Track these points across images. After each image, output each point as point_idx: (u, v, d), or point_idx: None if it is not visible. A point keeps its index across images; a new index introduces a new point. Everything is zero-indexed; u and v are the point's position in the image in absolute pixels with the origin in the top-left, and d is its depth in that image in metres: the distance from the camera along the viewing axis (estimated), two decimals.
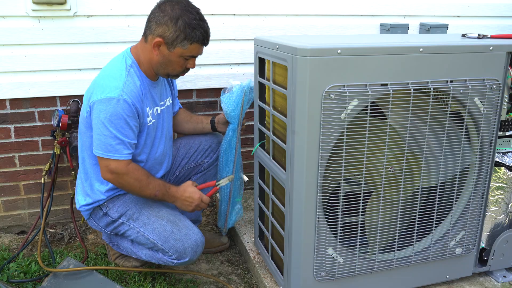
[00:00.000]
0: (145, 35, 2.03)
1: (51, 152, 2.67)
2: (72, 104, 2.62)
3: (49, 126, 2.68)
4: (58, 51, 2.55)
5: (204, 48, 2.09)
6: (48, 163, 2.63)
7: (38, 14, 2.46)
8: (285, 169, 1.85)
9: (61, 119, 2.54)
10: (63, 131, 2.57)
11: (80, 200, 2.18)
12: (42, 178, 2.63)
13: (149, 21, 2.00)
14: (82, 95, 2.65)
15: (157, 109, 2.15)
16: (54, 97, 2.64)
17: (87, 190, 2.15)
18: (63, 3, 2.45)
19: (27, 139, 2.67)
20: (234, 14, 2.79)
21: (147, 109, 2.07)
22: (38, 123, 2.66)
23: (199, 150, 2.39)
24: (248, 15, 2.82)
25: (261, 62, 2.07)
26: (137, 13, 2.60)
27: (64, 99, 2.65)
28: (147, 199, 2.13)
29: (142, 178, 2.00)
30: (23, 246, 2.52)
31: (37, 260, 2.33)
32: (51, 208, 2.70)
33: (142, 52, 2.05)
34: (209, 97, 2.92)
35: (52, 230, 2.75)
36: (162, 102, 2.21)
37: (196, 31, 1.96)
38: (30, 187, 2.75)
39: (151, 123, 2.10)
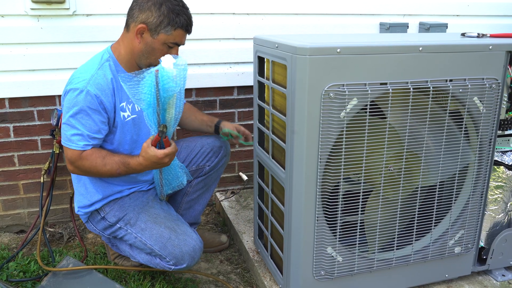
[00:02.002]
0: (127, 24, 2.01)
1: (50, 151, 2.67)
2: None
3: (48, 125, 2.68)
4: (57, 50, 2.55)
5: (204, 47, 2.08)
6: (47, 162, 2.63)
7: (37, 13, 2.45)
8: (284, 168, 1.85)
9: (60, 118, 2.54)
10: None
11: (77, 202, 2.18)
12: (42, 177, 2.62)
13: (131, 9, 1.99)
14: None
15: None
16: (53, 96, 2.64)
17: (82, 190, 2.15)
18: (62, 2, 2.45)
19: (26, 138, 2.67)
20: (234, 13, 2.79)
21: (123, 104, 2.03)
22: (37, 122, 2.66)
23: (201, 153, 2.37)
24: (247, 14, 2.82)
25: (260, 61, 2.07)
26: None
27: None
28: (127, 189, 2.16)
29: (96, 161, 1.94)
30: (23, 245, 2.52)
31: (36, 259, 2.33)
32: (51, 207, 2.70)
33: (123, 43, 2.03)
34: (208, 96, 2.92)
35: (52, 229, 2.75)
36: None
37: (180, 17, 1.95)
38: (29, 186, 2.75)
39: (129, 118, 2.05)
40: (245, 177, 3.11)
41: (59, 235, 2.70)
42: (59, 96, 2.64)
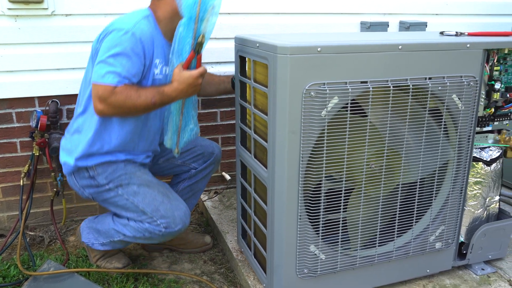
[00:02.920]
0: None
1: (30, 153, 2.63)
2: (51, 105, 2.58)
3: (28, 127, 2.64)
4: (35, 50, 2.51)
5: None
6: (27, 165, 2.59)
7: (14, 13, 2.42)
8: (266, 168, 1.85)
9: (40, 120, 2.50)
10: (42, 132, 2.54)
11: (70, 152, 2.09)
12: (21, 180, 2.58)
13: None
14: (61, 95, 2.64)
15: (166, 69, 2.06)
16: (32, 98, 2.60)
17: (81, 139, 2.06)
18: (40, 2, 2.42)
19: (5, 140, 2.62)
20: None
21: (157, 60, 2.01)
22: (16, 124, 2.62)
23: (191, 152, 2.38)
24: (228, 13, 2.82)
25: (241, 60, 2.07)
26: (117, 12, 2.57)
27: (43, 99, 2.61)
28: (147, 118, 2.08)
29: (131, 93, 1.87)
30: (2, 250, 2.48)
31: (16, 263, 2.29)
32: (31, 211, 2.66)
33: (158, 6, 2.02)
34: None
35: (32, 233, 2.71)
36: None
37: None
38: (8, 189, 2.70)
39: (158, 77, 2.03)
40: (228, 177, 3.11)
41: (40, 239, 2.66)
42: (39, 97, 2.60)
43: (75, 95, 2.68)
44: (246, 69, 2.04)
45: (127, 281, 2.26)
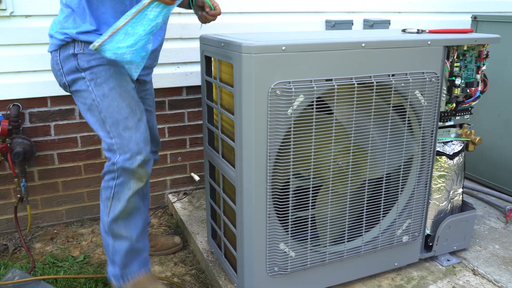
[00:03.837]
0: None
1: None
2: (12, 109, 2.51)
3: None
4: None
5: None
6: None
7: None
8: (234, 167, 1.85)
9: (1, 125, 2.43)
10: (3, 137, 2.46)
11: (61, 24, 1.86)
12: None
13: None
14: (23, 99, 2.57)
15: None
16: None
17: (78, 11, 1.83)
18: None
19: None
20: (180, 13, 2.76)
21: None
22: None
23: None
24: (193, 13, 2.79)
25: (207, 60, 2.06)
26: None
27: (3, 103, 2.54)
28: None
29: None
30: None
31: None
32: None
33: None
34: (157, 97, 2.87)
35: None
36: None
37: None
38: None
39: None
40: (197, 178, 3.09)
41: (4, 247, 2.58)
42: (1, 101, 2.53)
43: (38, 99, 2.62)
44: (212, 69, 2.03)
45: (96, 287, 2.21)
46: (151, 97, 2.27)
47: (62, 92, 2.61)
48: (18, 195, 2.59)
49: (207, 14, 1.96)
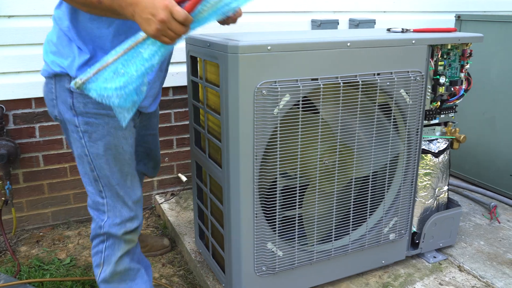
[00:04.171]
0: None
1: None
2: None
3: None
4: None
5: None
6: None
7: None
8: (221, 167, 1.85)
9: None
10: None
11: (52, 54, 1.58)
12: None
13: None
14: (7, 100, 2.54)
15: None
16: None
17: (65, 42, 1.56)
18: None
19: None
20: None
21: None
22: None
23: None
24: None
25: (193, 60, 2.05)
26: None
27: None
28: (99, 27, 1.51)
29: None
30: None
31: None
32: None
33: None
34: None
35: None
36: None
37: None
38: None
39: None
40: (184, 178, 3.08)
41: None
42: None
43: (22, 100, 2.59)
44: (198, 69, 2.03)
45: None
46: (156, 119, 2.05)
47: None
48: (3, 198, 2.56)
49: (228, 18, 1.67)
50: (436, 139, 2.22)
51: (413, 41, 1.96)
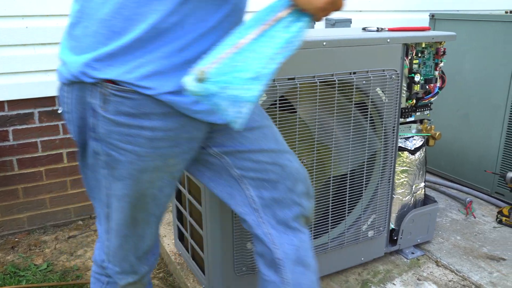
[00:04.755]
0: None
1: None
2: None
3: None
4: None
5: None
6: None
7: None
8: None
9: None
10: None
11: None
12: None
13: None
14: None
15: None
16: None
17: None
18: None
19: None
20: None
21: None
22: None
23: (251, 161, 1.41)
24: None
25: None
26: (36, 14, 2.45)
27: None
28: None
29: None
30: None
31: None
32: None
33: None
34: None
35: None
36: None
37: None
38: None
39: None
40: None
41: None
42: None
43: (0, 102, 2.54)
44: None
45: None
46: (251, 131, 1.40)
47: (20, 96, 2.54)
48: None
49: None
50: (412, 136, 2.25)
51: (388, 40, 1.98)
